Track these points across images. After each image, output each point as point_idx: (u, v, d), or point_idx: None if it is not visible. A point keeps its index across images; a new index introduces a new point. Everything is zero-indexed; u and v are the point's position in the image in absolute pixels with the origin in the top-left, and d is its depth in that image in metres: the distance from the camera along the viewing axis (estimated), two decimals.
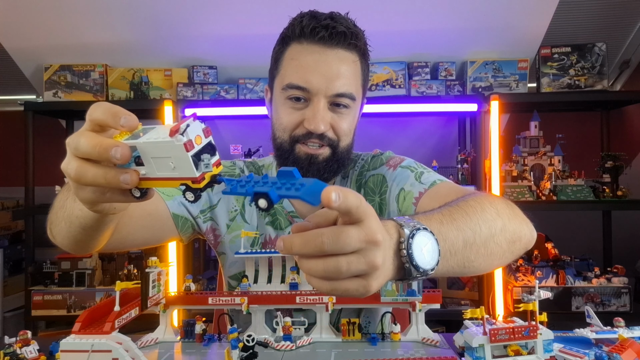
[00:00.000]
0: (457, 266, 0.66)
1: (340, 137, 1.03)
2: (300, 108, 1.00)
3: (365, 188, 1.13)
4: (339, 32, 0.97)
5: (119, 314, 0.78)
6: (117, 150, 0.51)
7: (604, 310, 2.11)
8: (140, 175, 0.54)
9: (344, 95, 0.99)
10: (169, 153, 0.50)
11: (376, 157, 1.17)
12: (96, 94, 2.44)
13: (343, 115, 1.01)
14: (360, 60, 1.03)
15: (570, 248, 2.34)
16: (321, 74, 0.97)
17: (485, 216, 0.72)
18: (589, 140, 2.61)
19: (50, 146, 2.74)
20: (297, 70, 0.99)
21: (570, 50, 2.34)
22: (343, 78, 0.98)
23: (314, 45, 0.98)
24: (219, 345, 0.94)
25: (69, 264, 2.30)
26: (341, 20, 1.00)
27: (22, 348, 0.83)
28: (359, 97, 1.05)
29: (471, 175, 2.38)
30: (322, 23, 0.98)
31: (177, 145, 0.49)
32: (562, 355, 0.80)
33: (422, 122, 2.70)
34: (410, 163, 1.11)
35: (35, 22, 2.31)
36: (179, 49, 2.45)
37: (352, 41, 0.99)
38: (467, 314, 0.78)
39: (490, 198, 0.80)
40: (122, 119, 0.52)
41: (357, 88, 1.03)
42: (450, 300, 2.41)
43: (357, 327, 0.96)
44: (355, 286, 0.52)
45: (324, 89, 0.97)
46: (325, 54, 0.98)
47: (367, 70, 1.08)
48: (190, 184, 0.52)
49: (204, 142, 0.51)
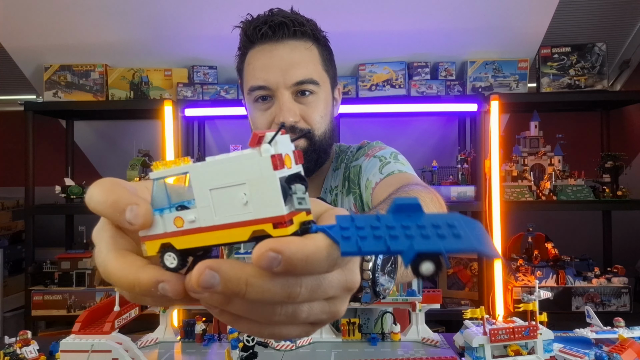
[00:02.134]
0: (404, 274, 0.60)
1: (314, 126, 1.03)
2: (268, 107, 1.02)
3: (348, 180, 1.14)
4: (279, 24, 0.98)
5: (119, 314, 0.78)
6: (165, 288, 0.33)
7: (604, 310, 2.11)
8: (183, 224, 0.33)
9: (304, 81, 0.99)
10: (242, 177, 0.32)
11: (362, 148, 1.18)
12: (96, 94, 2.44)
13: (311, 102, 1.01)
14: (315, 45, 1.03)
15: (570, 248, 2.34)
16: (276, 67, 0.98)
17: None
18: (589, 140, 2.61)
19: (50, 146, 2.75)
20: (254, 72, 1.01)
21: (570, 50, 2.34)
22: (298, 66, 0.99)
23: (263, 45, 1.00)
24: (219, 345, 0.94)
25: (69, 264, 2.30)
26: (279, 13, 1.01)
27: (22, 348, 0.83)
28: (324, 81, 1.05)
29: (471, 175, 2.38)
30: (261, 20, 1.00)
31: (262, 159, 0.31)
32: (562, 355, 0.80)
33: (422, 122, 2.70)
34: (384, 153, 1.08)
35: (35, 22, 2.31)
36: (179, 49, 2.45)
37: (297, 28, 0.99)
38: (467, 314, 0.78)
39: (430, 194, 0.78)
40: (128, 212, 0.34)
41: (318, 72, 1.03)
42: (450, 300, 2.41)
43: (357, 327, 0.96)
44: (299, 332, 0.36)
45: (282, 80, 0.98)
46: (275, 49, 0.99)
47: (327, 54, 1.08)
48: (270, 231, 0.31)
49: (295, 169, 0.34)
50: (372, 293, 0.48)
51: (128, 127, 2.73)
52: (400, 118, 2.65)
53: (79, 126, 2.72)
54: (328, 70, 1.07)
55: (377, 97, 2.38)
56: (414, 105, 2.35)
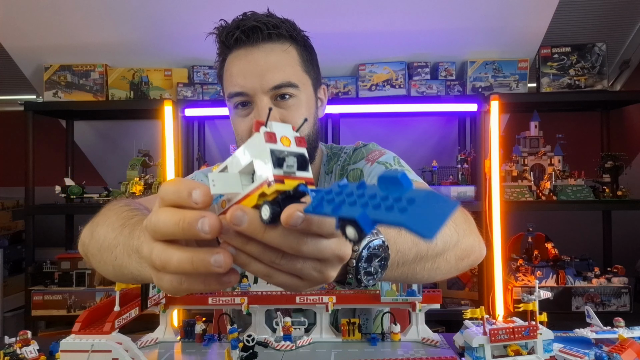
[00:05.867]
0: (399, 277, 0.64)
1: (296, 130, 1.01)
2: (248, 113, 0.99)
3: None
4: (252, 27, 0.96)
5: (119, 314, 0.78)
6: (204, 222, 0.41)
7: (604, 310, 2.11)
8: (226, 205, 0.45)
9: (282, 85, 0.96)
10: (250, 156, 0.42)
11: (358, 150, 1.16)
12: (96, 94, 2.44)
13: (291, 106, 0.98)
14: (293, 47, 1.00)
15: (570, 248, 2.34)
16: (252, 73, 0.96)
17: (444, 231, 0.69)
18: (589, 140, 2.61)
19: (50, 146, 2.75)
20: (232, 79, 0.98)
21: (570, 50, 2.34)
22: (275, 69, 0.96)
23: (239, 50, 0.98)
24: (219, 345, 0.94)
25: (69, 264, 2.30)
26: (252, 17, 0.98)
27: (22, 348, 0.83)
28: (305, 82, 1.02)
29: (471, 175, 2.38)
30: (233, 25, 0.98)
31: (259, 135, 0.41)
32: (562, 355, 0.80)
33: (422, 122, 2.70)
34: (387, 159, 1.08)
35: (35, 22, 2.31)
36: (179, 49, 2.45)
37: (271, 31, 0.97)
38: (467, 314, 0.78)
39: None
40: (194, 193, 0.42)
41: (297, 75, 1.00)
42: (450, 300, 2.41)
43: (357, 327, 0.96)
44: (291, 283, 0.45)
45: (259, 86, 0.96)
46: (250, 54, 0.97)
47: (308, 55, 1.04)
48: (266, 191, 0.40)
49: (294, 150, 0.42)
50: (355, 280, 0.52)
51: (128, 127, 2.73)
52: (400, 118, 2.65)
53: (79, 126, 2.72)
54: (309, 72, 1.04)
55: (377, 97, 2.38)
56: (414, 105, 2.35)
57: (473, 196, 2.29)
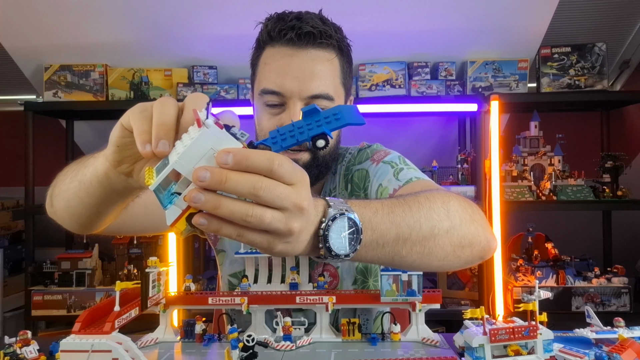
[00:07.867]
0: (385, 258, 0.65)
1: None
2: (278, 112, 0.99)
3: (352, 183, 1.11)
4: (307, 33, 0.94)
5: (119, 314, 0.78)
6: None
7: (604, 310, 2.11)
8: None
9: (320, 96, 0.96)
10: (209, 146, 0.47)
11: (362, 150, 1.15)
12: (96, 94, 2.44)
13: None
14: (337, 57, 1.00)
15: (570, 248, 2.34)
16: (294, 76, 0.94)
17: (430, 215, 0.69)
18: (589, 140, 2.61)
19: (50, 146, 2.75)
20: (270, 75, 0.97)
21: (570, 50, 2.34)
22: (317, 79, 0.95)
23: (285, 48, 0.96)
24: (219, 345, 0.94)
25: (69, 264, 2.30)
26: (308, 20, 0.96)
27: (22, 348, 0.83)
28: (339, 95, 1.02)
29: (471, 175, 2.38)
30: (289, 24, 0.95)
31: (211, 129, 0.47)
32: (562, 355, 0.80)
33: (422, 122, 2.70)
34: (393, 158, 1.07)
35: (35, 22, 2.31)
36: (179, 49, 2.45)
37: (324, 40, 0.96)
38: (467, 314, 0.78)
39: (446, 198, 0.75)
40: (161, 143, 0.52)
41: (335, 87, 0.99)
42: (450, 300, 2.41)
43: (357, 327, 0.96)
44: (261, 240, 0.50)
45: (298, 91, 0.95)
46: (296, 56, 0.95)
47: (347, 66, 1.04)
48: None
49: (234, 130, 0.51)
50: (325, 249, 0.56)
51: None
52: (400, 118, 2.65)
53: (79, 126, 2.72)
54: (345, 83, 1.03)
55: (377, 97, 2.38)
56: (414, 105, 2.35)
57: (473, 196, 2.29)
